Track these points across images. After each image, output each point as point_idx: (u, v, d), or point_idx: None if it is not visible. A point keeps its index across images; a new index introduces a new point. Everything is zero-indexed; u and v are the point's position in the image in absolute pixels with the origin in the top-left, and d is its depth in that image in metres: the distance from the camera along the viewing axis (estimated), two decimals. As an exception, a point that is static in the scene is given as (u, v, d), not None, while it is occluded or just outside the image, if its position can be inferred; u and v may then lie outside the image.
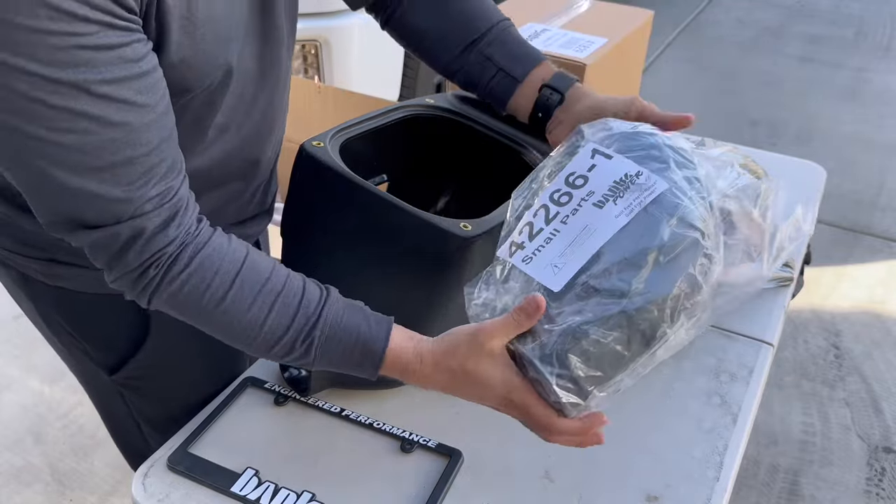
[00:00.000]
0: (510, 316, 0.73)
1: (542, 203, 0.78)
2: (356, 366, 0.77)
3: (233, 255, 0.75)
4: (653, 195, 0.73)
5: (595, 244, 0.72)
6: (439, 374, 0.76)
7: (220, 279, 0.73)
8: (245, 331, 0.75)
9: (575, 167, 0.78)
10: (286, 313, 0.75)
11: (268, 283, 0.75)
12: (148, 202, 0.70)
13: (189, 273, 0.72)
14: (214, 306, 0.73)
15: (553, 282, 0.72)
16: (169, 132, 0.71)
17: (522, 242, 0.77)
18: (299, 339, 0.75)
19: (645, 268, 0.70)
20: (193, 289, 0.73)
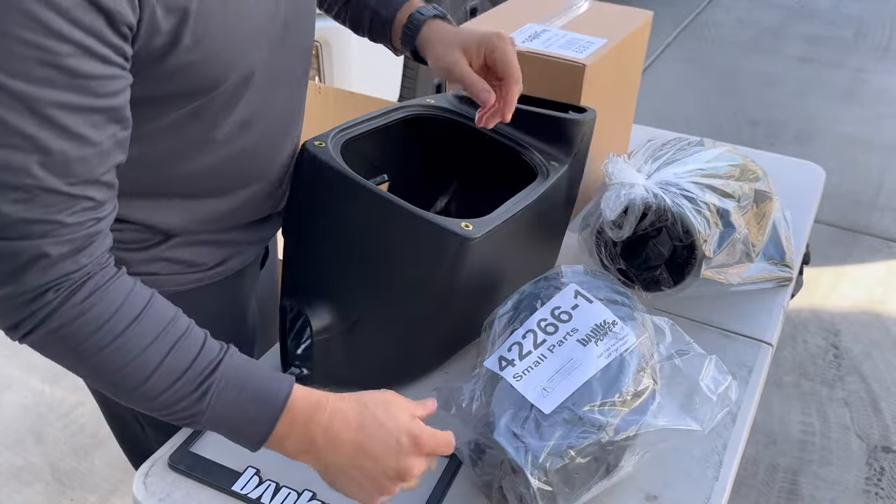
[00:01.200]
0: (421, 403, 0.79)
1: (529, 328, 0.89)
2: (249, 421, 0.73)
3: (139, 294, 0.71)
4: (626, 345, 0.87)
5: (581, 377, 0.85)
6: (350, 403, 0.75)
7: (123, 314, 0.69)
8: (136, 372, 0.70)
9: (560, 302, 0.91)
10: (186, 357, 0.71)
11: (171, 325, 0.71)
12: (63, 227, 0.65)
13: (91, 303, 0.68)
14: (110, 341, 0.68)
15: (544, 404, 0.83)
16: (107, 168, 0.68)
17: (513, 360, 0.87)
18: (196, 381, 0.71)
19: (620, 406, 0.83)
20: (92, 320, 0.68)
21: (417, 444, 0.75)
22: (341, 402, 0.75)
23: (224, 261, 0.98)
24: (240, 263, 1.00)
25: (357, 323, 0.95)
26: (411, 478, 0.75)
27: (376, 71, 2.61)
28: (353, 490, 0.77)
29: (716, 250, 1.07)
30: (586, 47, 1.17)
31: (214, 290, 0.99)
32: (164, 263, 0.92)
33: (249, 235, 1.00)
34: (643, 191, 1.07)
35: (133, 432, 1.10)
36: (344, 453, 0.74)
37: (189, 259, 0.94)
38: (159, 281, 0.92)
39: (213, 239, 0.95)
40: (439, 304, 0.94)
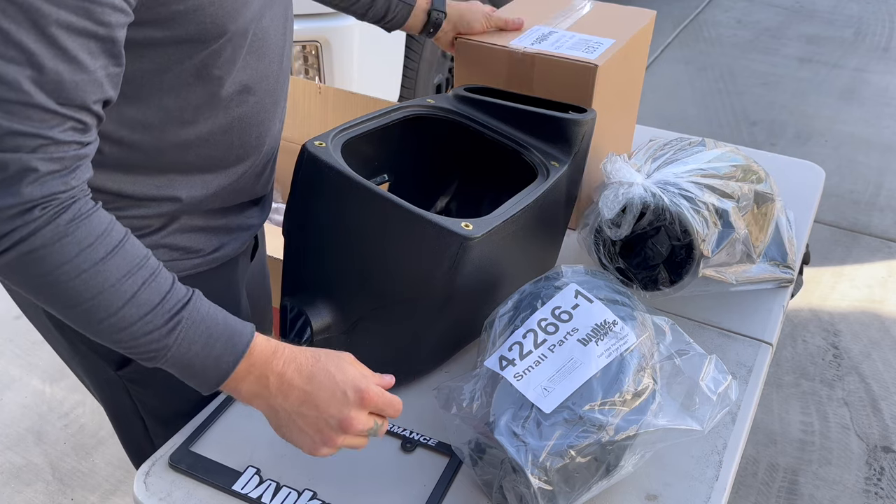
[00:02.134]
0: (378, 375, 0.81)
1: (529, 327, 0.90)
2: (214, 358, 0.74)
3: (117, 228, 0.72)
4: (626, 345, 0.87)
5: (581, 377, 0.85)
6: (305, 354, 0.78)
7: (103, 242, 0.70)
8: (111, 300, 0.70)
9: (560, 302, 0.91)
10: (159, 291, 0.72)
11: (145, 261, 0.73)
12: (53, 144, 0.66)
13: (76, 226, 0.68)
14: (88, 267, 0.68)
15: (544, 403, 0.84)
16: (97, 98, 0.68)
17: (513, 359, 0.87)
18: (166, 317, 0.72)
19: (620, 405, 0.84)
20: (75, 242, 0.68)
21: (362, 399, 0.78)
22: (297, 352, 0.78)
23: (219, 247, 1.00)
24: (233, 251, 1.03)
25: (357, 323, 0.95)
26: (353, 430, 0.78)
27: (376, 71, 2.61)
28: (297, 436, 0.79)
29: (714, 250, 1.07)
30: (595, 48, 1.18)
31: (210, 277, 1.01)
32: (165, 250, 0.94)
33: (240, 221, 1.03)
34: (641, 190, 1.07)
35: (136, 431, 1.11)
36: (292, 400, 0.77)
37: (187, 245, 0.96)
38: None
39: (207, 224, 0.98)
40: (439, 304, 0.94)
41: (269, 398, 0.77)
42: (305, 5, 1.54)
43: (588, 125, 1.07)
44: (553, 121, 1.07)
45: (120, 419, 1.13)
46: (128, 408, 1.08)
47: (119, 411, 1.11)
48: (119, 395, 1.08)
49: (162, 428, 1.05)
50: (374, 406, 0.79)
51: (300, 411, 0.77)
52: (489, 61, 1.22)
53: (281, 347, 0.78)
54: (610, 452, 0.83)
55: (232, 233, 1.02)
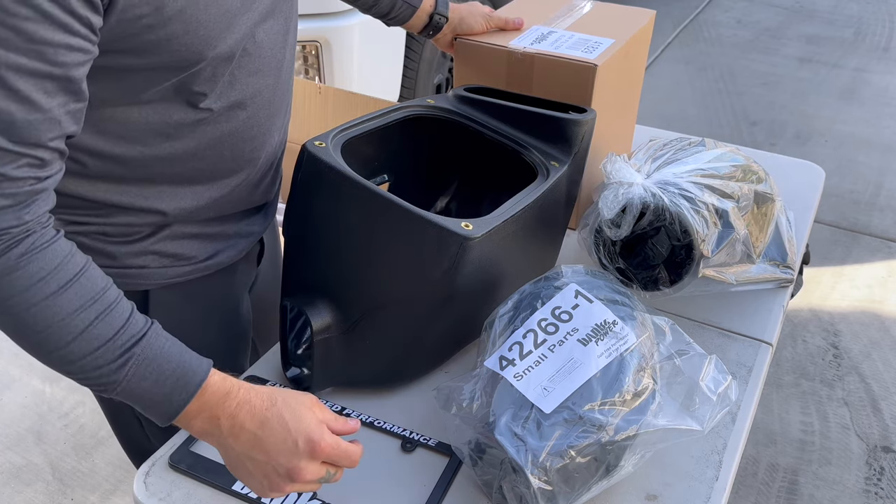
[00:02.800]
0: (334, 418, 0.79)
1: (529, 328, 0.89)
2: (164, 395, 0.74)
3: (74, 260, 0.71)
4: (626, 345, 0.87)
5: (581, 377, 0.85)
6: (260, 398, 0.76)
7: (55, 277, 0.69)
8: (59, 335, 0.70)
9: (560, 302, 0.91)
10: (111, 327, 0.71)
11: (101, 295, 0.72)
12: (6, 180, 0.66)
13: (27, 260, 0.68)
14: (37, 301, 0.68)
15: (544, 403, 0.84)
16: (56, 135, 0.68)
17: (513, 359, 0.87)
18: (116, 353, 0.71)
19: (620, 405, 0.83)
20: (25, 277, 0.68)
21: (313, 450, 0.76)
22: (252, 395, 0.77)
23: (214, 254, 0.99)
24: (229, 258, 1.02)
25: (357, 323, 0.95)
26: (301, 480, 0.76)
27: (376, 71, 2.61)
28: (246, 478, 0.78)
29: (714, 250, 1.07)
30: (595, 48, 1.18)
31: (205, 284, 1.00)
32: (154, 257, 0.94)
33: (239, 228, 1.01)
34: (641, 190, 1.07)
35: (133, 431, 1.11)
36: (242, 442, 0.76)
37: (178, 252, 0.95)
38: (149, 274, 0.94)
39: (202, 232, 0.96)
40: (439, 303, 0.94)
41: (220, 438, 0.77)
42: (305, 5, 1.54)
43: (588, 125, 1.07)
44: (553, 121, 1.07)
45: (118, 419, 1.13)
46: (124, 408, 1.08)
47: (116, 411, 1.11)
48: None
49: (157, 428, 1.05)
50: (326, 457, 0.77)
51: (250, 455, 0.76)
52: (489, 61, 1.22)
53: (236, 388, 0.76)
54: (610, 452, 0.83)
55: (229, 239, 1.01)
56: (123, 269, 0.93)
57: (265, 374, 1.04)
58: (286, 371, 1.03)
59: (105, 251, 0.91)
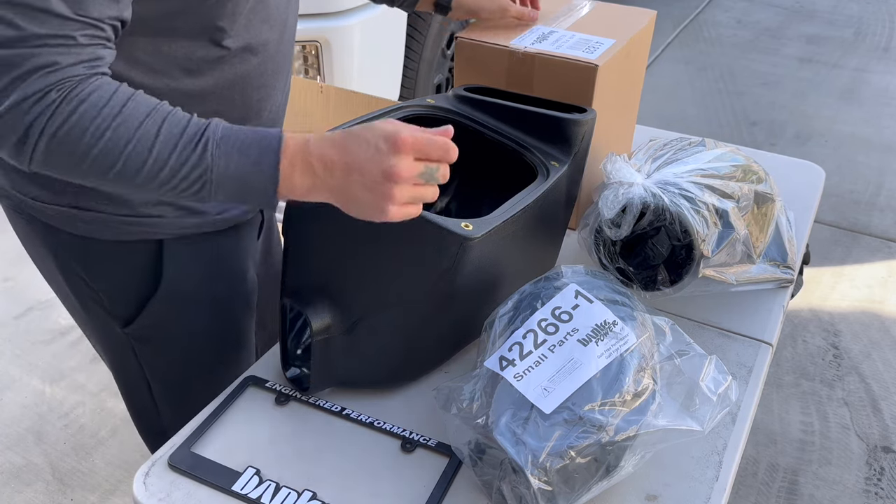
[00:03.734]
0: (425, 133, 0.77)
1: (529, 328, 0.89)
2: (255, 163, 0.76)
3: (127, 86, 0.77)
4: (626, 345, 0.87)
5: (581, 377, 0.85)
6: (330, 133, 0.79)
7: (117, 98, 0.74)
8: (140, 145, 0.74)
9: (560, 302, 0.91)
10: (179, 124, 0.76)
11: (160, 105, 0.77)
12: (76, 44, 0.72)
13: (88, 92, 0.73)
14: (110, 122, 0.73)
15: (544, 404, 0.83)
16: (115, 14, 0.75)
17: (513, 360, 0.87)
18: (193, 140, 0.75)
19: (620, 406, 0.83)
20: (91, 106, 0.73)
21: (396, 144, 0.76)
22: (323, 134, 0.79)
23: (223, 210, 1.04)
24: (235, 217, 1.07)
25: (357, 323, 0.95)
26: (401, 179, 0.76)
27: (376, 71, 2.61)
28: (362, 208, 0.79)
29: (714, 250, 1.07)
30: (596, 48, 1.18)
31: (214, 241, 1.06)
32: (170, 207, 0.99)
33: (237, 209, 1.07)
34: (641, 190, 1.07)
35: (141, 395, 1.14)
36: (338, 175, 0.77)
37: (190, 205, 1.01)
38: (166, 223, 1.00)
39: None
40: (439, 303, 0.94)
41: (322, 183, 0.78)
42: (305, 5, 1.54)
43: (588, 125, 1.07)
44: (553, 121, 1.07)
45: (127, 384, 1.16)
46: (134, 370, 1.11)
47: (126, 375, 1.14)
48: (126, 357, 1.11)
49: (166, 391, 1.07)
50: (412, 149, 0.76)
51: (349, 181, 0.77)
52: (489, 61, 1.22)
53: (306, 135, 0.78)
54: (610, 453, 0.83)
55: None
56: (141, 217, 0.98)
57: (265, 375, 1.04)
58: (286, 371, 1.03)
59: (123, 200, 0.97)
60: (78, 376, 2.26)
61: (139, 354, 1.10)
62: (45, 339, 2.37)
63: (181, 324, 1.09)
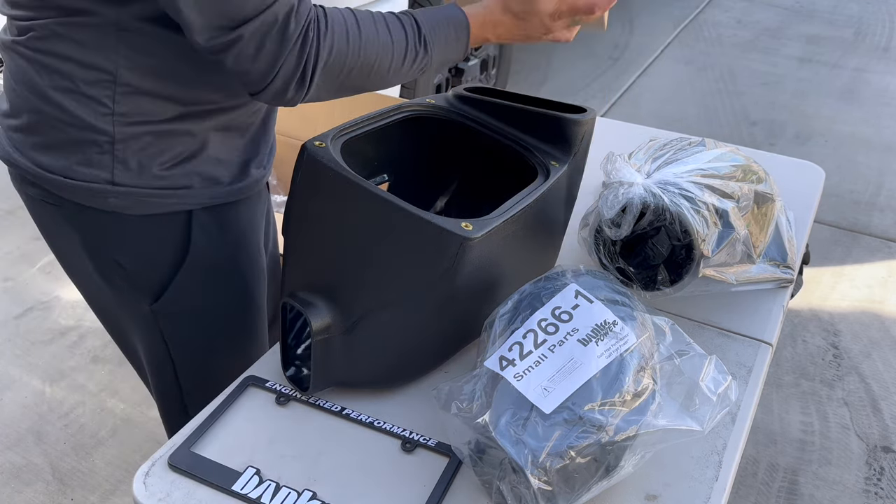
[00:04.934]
0: None
1: (529, 328, 0.89)
2: (455, 40, 0.99)
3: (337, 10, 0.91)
4: (626, 345, 0.87)
5: (581, 377, 0.85)
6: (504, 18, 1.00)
7: (352, 18, 0.90)
8: (381, 56, 0.92)
9: (560, 302, 0.91)
10: (400, 30, 0.94)
11: (376, 19, 0.93)
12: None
13: (332, 23, 0.88)
14: (358, 36, 0.90)
15: (544, 404, 0.83)
16: None
17: (513, 360, 0.87)
18: (417, 44, 0.95)
19: (619, 406, 0.83)
20: (343, 32, 0.88)
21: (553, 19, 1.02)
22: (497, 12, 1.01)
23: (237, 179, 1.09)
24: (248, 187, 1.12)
25: (357, 323, 0.95)
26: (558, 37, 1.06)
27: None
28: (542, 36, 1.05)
29: (714, 250, 1.07)
30: None
31: (234, 211, 1.10)
32: (198, 177, 1.04)
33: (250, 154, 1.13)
34: (641, 190, 1.07)
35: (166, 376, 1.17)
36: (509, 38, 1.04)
37: (214, 175, 1.05)
38: (196, 194, 1.04)
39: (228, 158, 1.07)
40: (439, 303, 0.94)
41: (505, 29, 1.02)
42: (305, 5, 1.54)
43: (588, 125, 1.08)
44: (553, 121, 1.07)
45: (152, 365, 1.18)
46: (159, 349, 1.14)
47: (151, 355, 1.17)
48: (152, 336, 1.14)
49: (190, 368, 1.13)
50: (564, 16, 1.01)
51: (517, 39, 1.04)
52: None
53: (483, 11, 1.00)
54: (610, 453, 0.83)
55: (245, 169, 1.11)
56: (172, 189, 1.02)
57: (265, 375, 1.04)
58: (286, 371, 1.03)
59: (156, 174, 1.01)
60: (78, 376, 2.26)
61: (165, 331, 1.12)
62: (45, 339, 2.37)
63: (207, 295, 1.12)
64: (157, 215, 1.03)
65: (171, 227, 1.05)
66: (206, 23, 0.83)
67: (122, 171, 0.99)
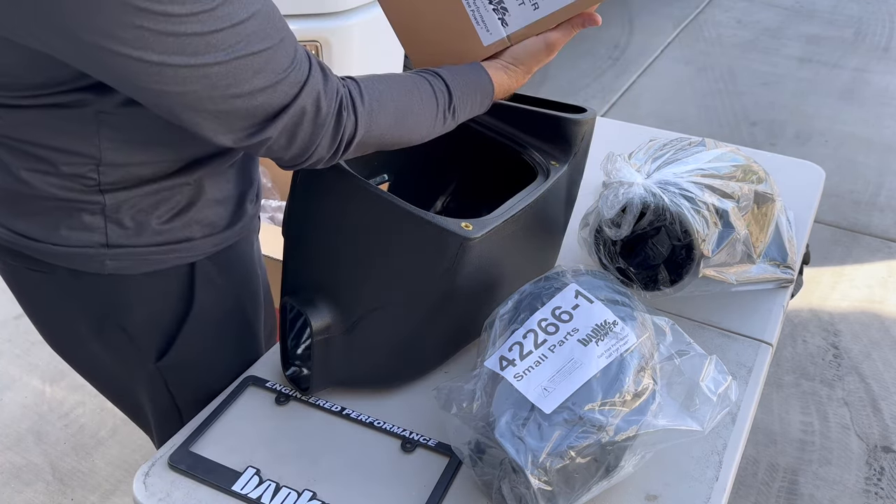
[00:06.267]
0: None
1: (530, 328, 0.90)
2: (479, 105, 0.99)
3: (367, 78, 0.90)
4: (626, 345, 0.87)
5: (581, 377, 0.85)
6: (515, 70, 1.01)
7: (388, 91, 0.88)
8: (414, 125, 0.91)
9: (560, 302, 0.92)
10: (430, 97, 0.92)
11: (404, 86, 0.91)
12: (304, 60, 0.80)
13: (369, 94, 0.85)
14: (392, 111, 0.88)
15: (544, 404, 0.84)
16: None
17: (514, 360, 0.87)
18: (445, 111, 0.94)
19: (620, 406, 0.84)
20: (378, 108, 0.86)
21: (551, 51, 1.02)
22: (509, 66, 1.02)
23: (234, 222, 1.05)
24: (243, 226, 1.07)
25: (357, 323, 0.95)
26: None
27: (376, 71, 2.61)
28: None
29: (714, 250, 1.07)
30: None
31: (232, 254, 1.06)
32: (197, 226, 0.98)
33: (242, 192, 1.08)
34: (642, 190, 1.07)
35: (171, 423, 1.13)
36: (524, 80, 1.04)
37: (212, 221, 1.00)
38: (196, 246, 0.99)
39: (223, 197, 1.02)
40: (439, 303, 0.94)
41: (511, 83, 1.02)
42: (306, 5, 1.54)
43: (588, 125, 1.08)
44: (553, 121, 1.07)
45: (158, 417, 1.14)
46: (165, 402, 1.10)
47: (158, 409, 1.12)
48: (158, 391, 1.09)
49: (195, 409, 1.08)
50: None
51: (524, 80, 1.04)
52: None
53: (499, 66, 1.01)
54: (610, 453, 0.83)
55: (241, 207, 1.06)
56: (172, 244, 0.97)
57: (265, 375, 1.04)
58: (286, 371, 1.03)
59: (154, 229, 0.95)
60: (78, 376, 2.26)
61: (170, 384, 1.08)
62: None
63: (212, 342, 1.07)
64: (159, 272, 0.97)
65: (174, 282, 1.00)
66: (230, 132, 0.78)
67: (117, 231, 0.92)
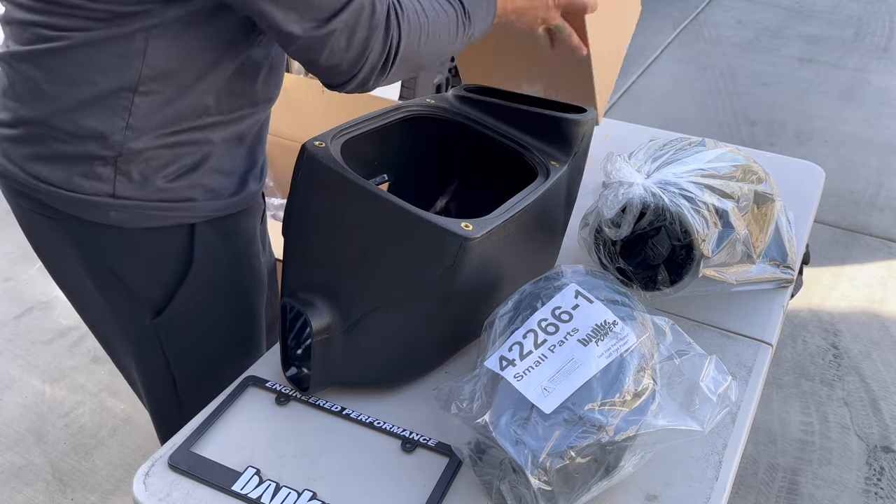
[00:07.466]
0: None
1: (529, 328, 0.90)
2: (486, 13, 1.04)
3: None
4: (626, 345, 0.87)
5: (581, 377, 0.85)
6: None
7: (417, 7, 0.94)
8: (442, 36, 0.97)
9: (560, 302, 0.91)
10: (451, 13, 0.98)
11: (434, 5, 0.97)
12: None
13: (400, 10, 0.92)
14: (425, 16, 0.94)
15: (544, 404, 0.84)
16: None
17: (514, 360, 0.87)
18: (464, 23, 1.00)
19: (620, 406, 0.84)
20: (414, 12, 0.93)
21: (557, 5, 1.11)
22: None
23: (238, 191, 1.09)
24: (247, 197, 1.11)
25: (357, 323, 0.95)
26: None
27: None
28: None
29: (714, 250, 1.07)
30: None
31: (234, 223, 1.10)
32: (200, 189, 1.03)
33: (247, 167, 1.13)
34: (641, 190, 1.07)
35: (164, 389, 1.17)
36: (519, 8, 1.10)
37: (215, 186, 1.05)
38: (198, 206, 1.04)
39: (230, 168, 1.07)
40: (439, 303, 0.94)
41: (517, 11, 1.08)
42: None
43: (588, 125, 1.08)
44: (553, 121, 1.07)
45: (150, 379, 1.17)
46: (159, 364, 1.12)
47: (150, 370, 1.15)
48: (152, 351, 1.12)
49: (191, 382, 1.10)
50: None
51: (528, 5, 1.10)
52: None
53: None
54: (610, 453, 0.83)
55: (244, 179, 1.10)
56: (175, 202, 1.01)
57: (265, 375, 1.04)
58: (286, 371, 1.03)
59: (160, 186, 1.00)
60: (78, 376, 2.26)
61: (165, 345, 1.11)
62: (45, 339, 2.37)
63: (209, 308, 1.11)
64: (160, 229, 1.02)
65: (174, 241, 1.04)
66: (301, 21, 0.85)
67: (125, 183, 0.98)
